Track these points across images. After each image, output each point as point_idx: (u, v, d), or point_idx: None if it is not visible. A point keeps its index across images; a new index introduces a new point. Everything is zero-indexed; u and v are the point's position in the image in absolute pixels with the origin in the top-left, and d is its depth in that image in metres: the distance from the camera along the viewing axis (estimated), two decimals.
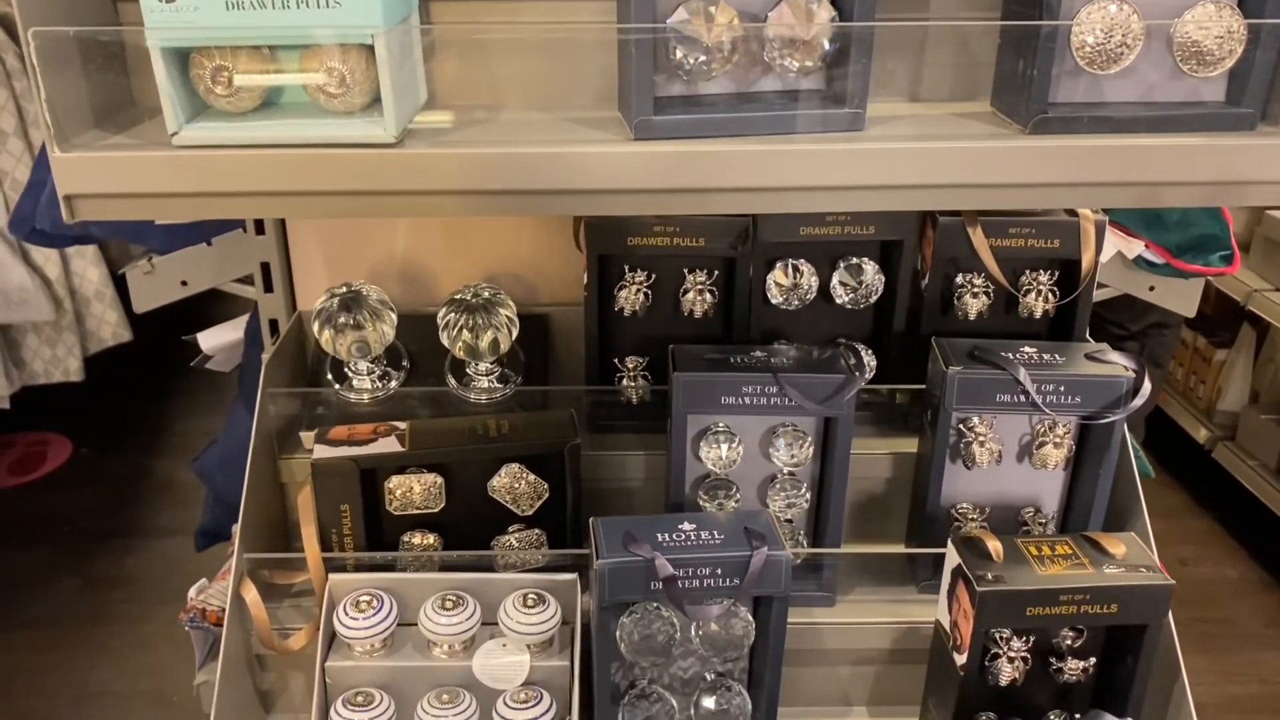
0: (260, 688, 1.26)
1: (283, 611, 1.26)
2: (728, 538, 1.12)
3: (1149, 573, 1.09)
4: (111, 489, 3.59)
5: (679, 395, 1.19)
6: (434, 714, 1.13)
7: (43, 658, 2.99)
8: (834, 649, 1.27)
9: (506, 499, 1.25)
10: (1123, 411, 1.19)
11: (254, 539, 1.23)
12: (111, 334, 3.50)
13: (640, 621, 1.13)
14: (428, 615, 1.16)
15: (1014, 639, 1.12)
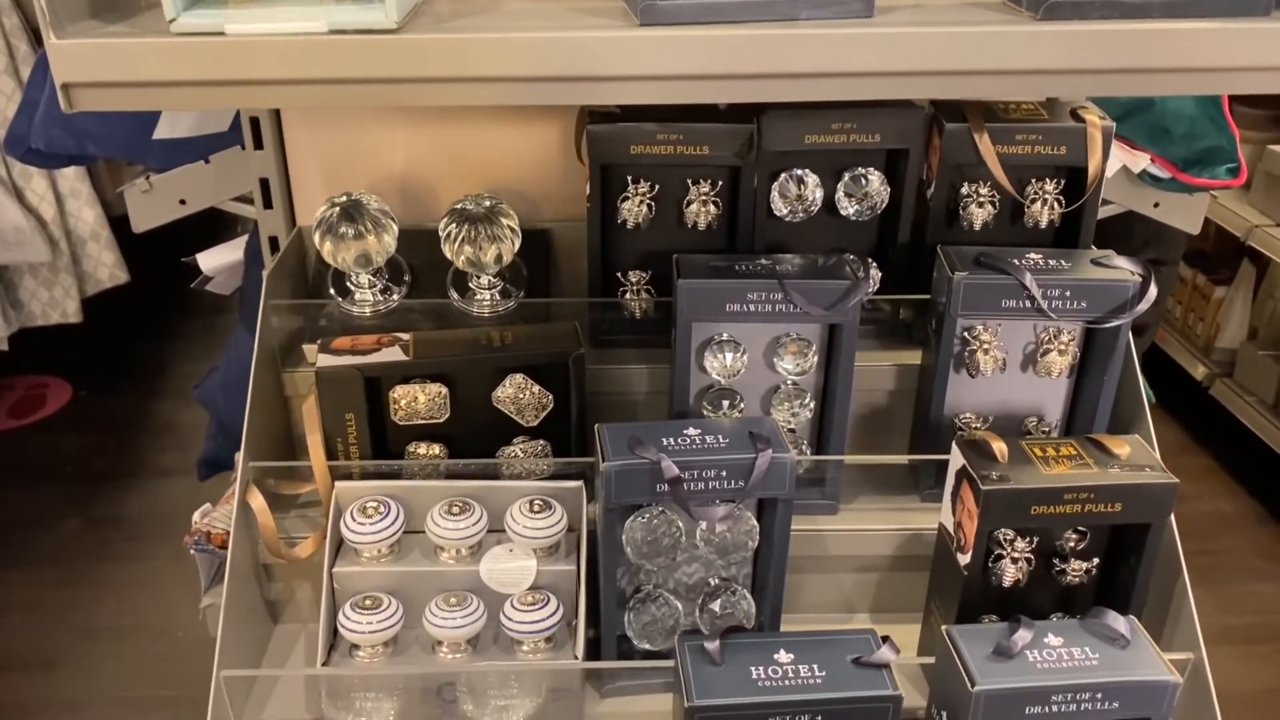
0: (268, 598, 1.27)
1: (289, 522, 1.26)
2: (732, 441, 1.12)
3: (1153, 472, 1.10)
4: (112, 430, 3.59)
5: (683, 302, 1.19)
6: (442, 617, 1.14)
7: (46, 595, 3.01)
8: (837, 556, 1.28)
9: (511, 410, 1.25)
10: (1128, 316, 1.18)
11: (259, 451, 1.23)
12: (109, 275, 3.48)
13: (646, 525, 1.14)
14: (434, 520, 1.17)
15: (1017, 540, 1.13)
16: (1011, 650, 1.03)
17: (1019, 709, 1.02)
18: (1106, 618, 1.06)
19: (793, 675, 1.02)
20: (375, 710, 1.14)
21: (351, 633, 1.13)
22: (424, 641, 1.18)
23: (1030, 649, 1.04)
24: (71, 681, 2.73)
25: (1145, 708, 1.03)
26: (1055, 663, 1.03)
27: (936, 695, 1.10)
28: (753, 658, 1.03)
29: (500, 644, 1.19)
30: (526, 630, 1.14)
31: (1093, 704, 1.02)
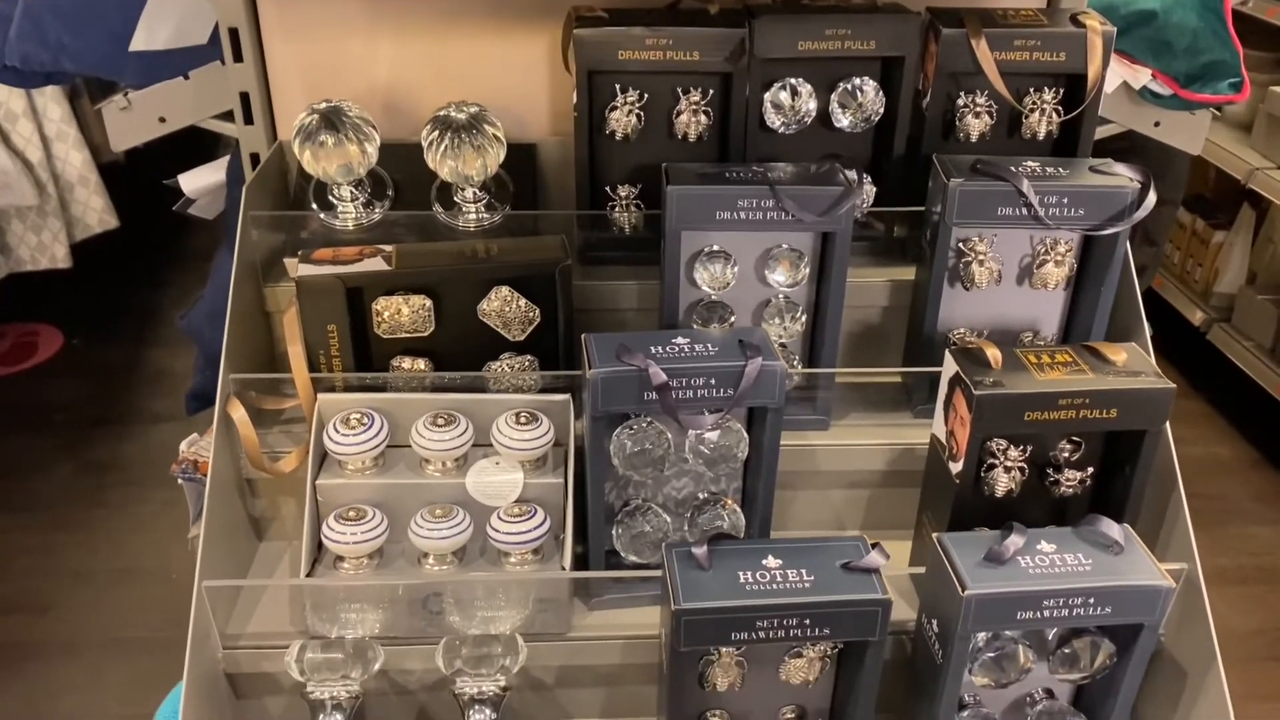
0: (252, 514, 1.26)
1: (272, 437, 1.24)
2: (722, 350, 1.10)
3: (1149, 378, 1.08)
4: (104, 378, 3.57)
5: (673, 210, 1.16)
6: (427, 528, 1.12)
7: (40, 539, 3.00)
8: (828, 471, 1.27)
9: (497, 324, 1.22)
10: (1127, 223, 1.16)
11: (240, 365, 1.21)
12: (98, 220, 3.45)
13: (634, 435, 1.12)
14: (419, 432, 1.15)
15: (1010, 449, 1.11)
16: (1003, 556, 1.02)
17: (1010, 614, 1.01)
18: (1100, 524, 1.05)
19: (781, 580, 1.00)
20: (360, 622, 1.12)
21: (335, 544, 1.11)
22: (410, 554, 1.17)
23: (1022, 555, 1.03)
24: (66, 623, 2.72)
25: (1138, 613, 1.02)
26: (1047, 568, 1.02)
27: (927, 604, 1.09)
28: (740, 563, 1.02)
29: (487, 557, 1.17)
30: (513, 541, 1.13)
31: (1085, 609, 1.01)
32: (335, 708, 1.06)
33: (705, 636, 1.00)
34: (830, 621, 1.00)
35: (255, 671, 1.15)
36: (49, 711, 2.47)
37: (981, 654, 1.05)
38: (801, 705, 1.13)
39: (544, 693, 1.20)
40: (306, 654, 1.07)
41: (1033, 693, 1.14)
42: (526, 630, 1.14)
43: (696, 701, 1.11)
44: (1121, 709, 1.09)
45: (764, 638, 1.00)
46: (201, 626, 1.09)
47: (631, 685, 1.20)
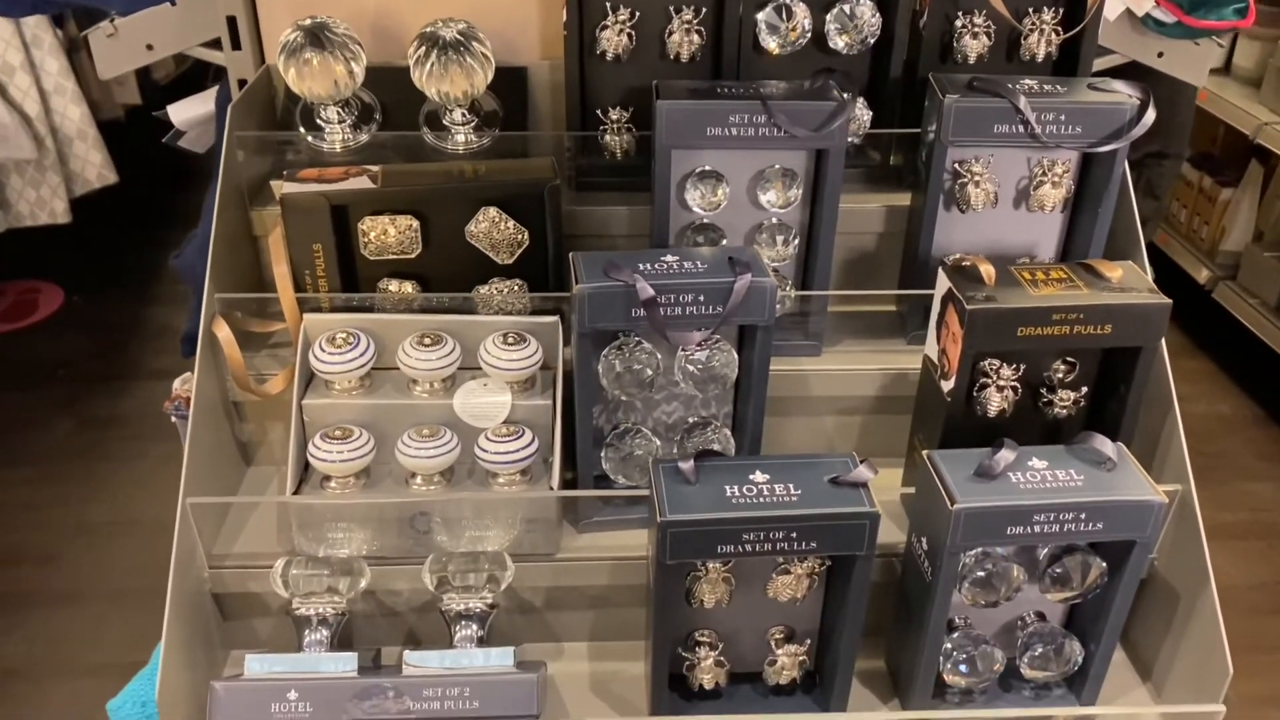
0: (239, 439, 1.25)
1: (259, 360, 1.24)
2: (711, 267, 1.08)
3: (1145, 293, 1.06)
4: (104, 335, 3.57)
5: (663, 126, 1.14)
6: (414, 447, 1.11)
7: (42, 492, 3.01)
8: (819, 397, 1.25)
9: (485, 246, 1.21)
10: (1125, 139, 1.14)
11: (226, 287, 1.20)
12: (97, 175, 3.43)
13: (622, 355, 1.11)
14: (406, 352, 1.14)
15: (1004, 367, 1.10)
16: (993, 470, 1.01)
17: (1000, 529, 1.00)
18: (1094, 441, 1.04)
19: (768, 493, 0.99)
20: (347, 541, 1.12)
21: (322, 462, 1.11)
22: (397, 475, 1.16)
23: (1013, 471, 1.02)
24: (69, 574, 2.74)
25: (1131, 529, 1.01)
26: (1039, 484, 1.01)
27: (916, 523, 1.08)
28: (727, 478, 1.01)
29: (475, 478, 1.16)
30: (501, 461, 1.12)
31: (1076, 525, 1.00)
32: (321, 623, 1.06)
33: (691, 549, 0.99)
34: (818, 535, 0.99)
35: (242, 591, 1.15)
36: (52, 658, 2.49)
37: (971, 572, 1.04)
38: (790, 626, 1.12)
39: (532, 615, 1.19)
40: (292, 570, 1.07)
41: (1023, 615, 1.13)
42: (515, 551, 1.13)
43: (684, 620, 1.10)
44: (1112, 630, 1.08)
45: (751, 551, 0.99)
46: (186, 545, 1.09)
47: (620, 608, 1.19)
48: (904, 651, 1.12)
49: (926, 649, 1.07)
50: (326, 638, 1.06)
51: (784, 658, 1.11)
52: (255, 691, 0.97)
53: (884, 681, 1.17)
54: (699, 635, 1.11)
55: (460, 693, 0.98)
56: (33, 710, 2.34)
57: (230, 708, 0.97)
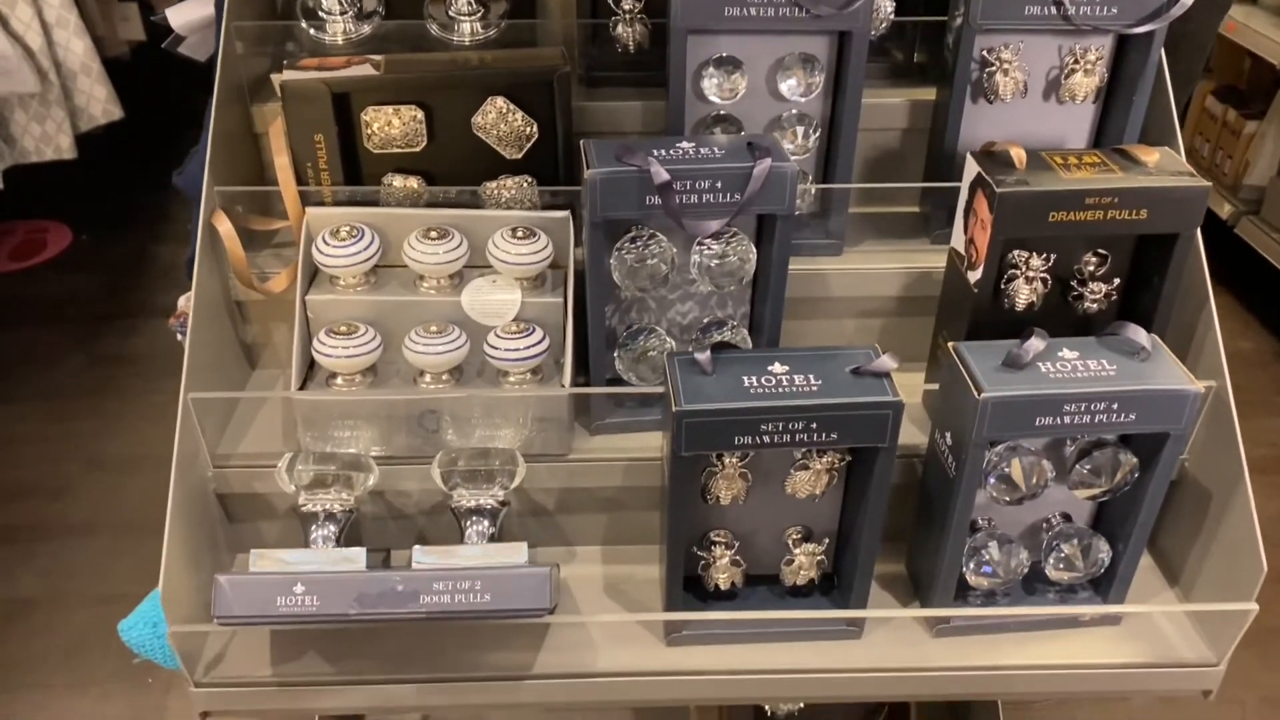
0: (243, 340, 1.22)
1: (261, 259, 1.20)
2: (729, 153, 1.04)
3: (1182, 176, 1.01)
4: (114, 273, 3.55)
5: (679, 8, 1.09)
6: (422, 344, 1.08)
7: (54, 428, 3.01)
8: (839, 298, 1.21)
9: (493, 140, 1.16)
10: (1163, 19, 1.08)
11: (225, 181, 1.16)
12: (102, 111, 3.38)
13: (635, 247, 1.07)
14: (412, 245, 1.10)
15: (1033, 258, 1.05)
16: (1022, 359, 0.97)
17: (1029, 419, 0.96)
18: (1126, 330, 0.99)
19: (787, 384, 0.96)
20: (354, 440, 1.09)
21: (327, 358, 1.07)
22: (405, 374, 1.13)
23: (1043, 361, 0.98)
24: (81, 507, 2.74)
25: (1164, 420, 0.97)
26: (1069, 374, 0.97)
27: (941, 417, 1.04)
28: (745, 369, 0.97)
29: (485, 377, 1.13)
30: (512, 358, 1.08)
31: (1108, 415, 0.96)
32: (328, 518, 1.03)
33: (708, 441, 0.95)
34: (838, 426, 0.95)
35: (247, 492, 1.12)
36: (65, 589, 2.49)
37: (997, 466, 1.01)
38: (807, 526, 1.09)
39: (544, 518, 1.17)
40: (298, 465, 1.04)
41: (1048, 517, 1.10)
42: (526, 451, 1.10)
43: (700, 520, 1.08)
44: (1141, 529, 1.05)
45: (769, 443, 0.95)
46: (189, 443, 1.06)
47: (633, 511, 1.17)
48: (925, 553, 1.09)
49: (949, 549, 1.04)
50: (334, 534, 1.03)
51: (801, 557, 1.08)
52: (261, 585, 0.95)
53: (904, 585, 1.15)
54: (714, 535, 1.09)
55: (471, 586, 0.95)
56: (48, 637, 2.34)
57: (235, 601, 0.94)
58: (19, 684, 2.26)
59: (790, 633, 1.08)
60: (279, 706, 1.06)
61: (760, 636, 1.08)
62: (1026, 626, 1.09)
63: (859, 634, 1.09)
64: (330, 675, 1.05)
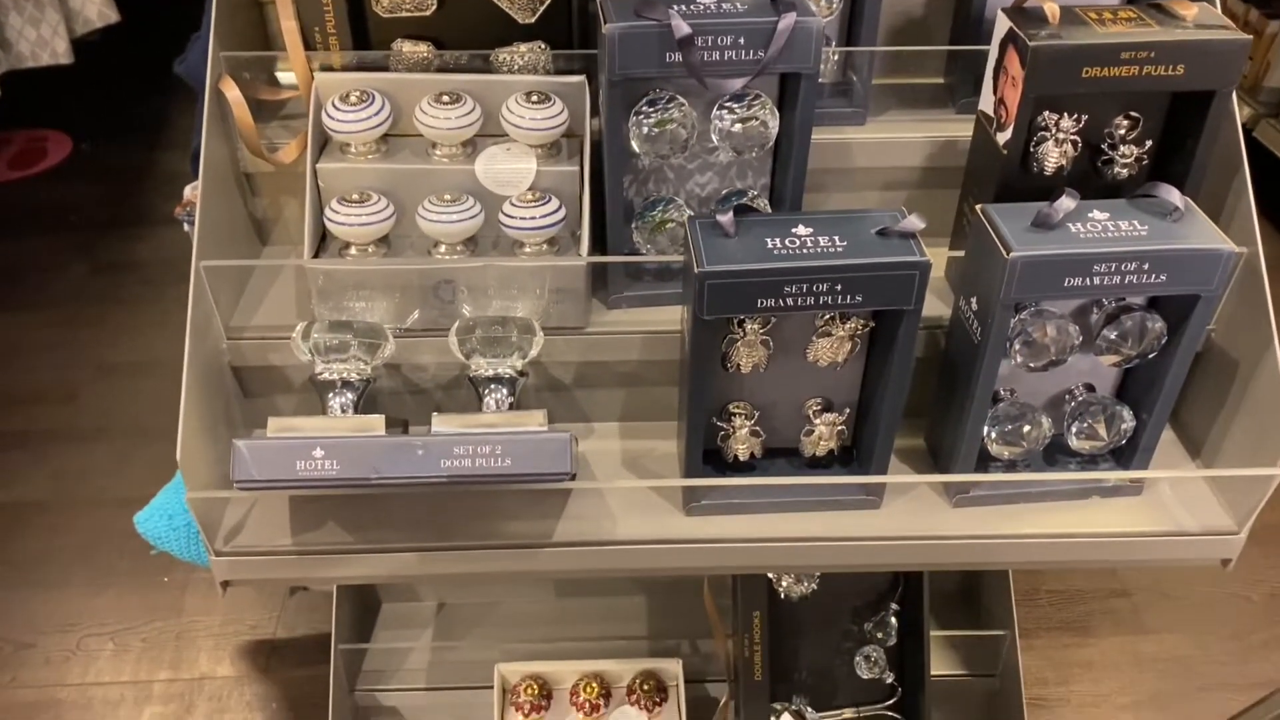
0: (253, 214, 1.20)
1: (270, 130, 1.17)
2: (752, 8, 1.00)
3: (1221, 30, 0.98)
4: (115, 181, 3.51)
5: None
6: (436, 212, 1.06)
7: (61, 334, 3.00)
8: (862, 169, 1.19)
9: (505, 2, 1.13)
10: None
11: (230, 47, 1.13)
12: (98, 14, 3.32)
13: (654, 109, 1.04)
14: (424, 110, 1.07)
15: (1063, 119, 1.02)
16: (1052, 219, 0.95)
17: (1058, 279, 0.94)
18: (1159, 190, 0.97)
19: (812, 245, 0.94)
20: (369, 311, 1.08)
21: (340, 227, 1.05)
22: (419, 245, 1.11)
23: (1073, 221, 0.96)
24: (91, 412, 2.74)
25: (1196, 281, 0.95)
26: (1099, 234, 0.95)
27: (966, 283, 1.02)
28: (768, 231, 0.95)
29: (500, 248, 1.11)
30: (527, 227, 1.06)
31: (1138, 276, 0.94)
32: (345, 386, 1.02)
33: (730, 304, 0.93)
34: (864, 287, 0.93)
35: (262, 365, 1.11)
36: (78, 492, 2.51)
37: (1023, 328, 0.99)
38: (828, 397, 1.08)
39: (561, 393, 1.16)
40: (313, 332, 1.03)
41: (1071, 388, 1.09)
42: (543, 324, 1.08)
43: (719, 390, 1.07)
44: (1167, 397, 1.03)
45: (792, 306, 0.94)
46: (202, 313, 1.05)
47: (652, 386, 1.16)
48: (946, 425, 1.08)
49: (971, 418, 1.03)
50: (352, 402, 1.02)
51: (821, 427, 1.07)
52: (279, 449, 0.94)
53: (924, 459, 1.14)
54: (734, 406, 1.08)
55: (491, 450, 0.95)
56: (64, 538, 2.37)
57: (254, 465, 0.94)
58: (38, 582, 2.29)
59: (809, 502, 1.08)
60: (298, 575, 1.06)
61: (779, 506, 1.08)
62: (1046, 497, 1.09)
63: (878, 504, 1.08)
64: (349, 544, 1.05)
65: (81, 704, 2.05)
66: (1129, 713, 2.00)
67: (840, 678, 1.50)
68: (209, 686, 2.08)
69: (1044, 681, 2.03)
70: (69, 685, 2.08)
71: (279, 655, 2.12)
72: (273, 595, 2.23)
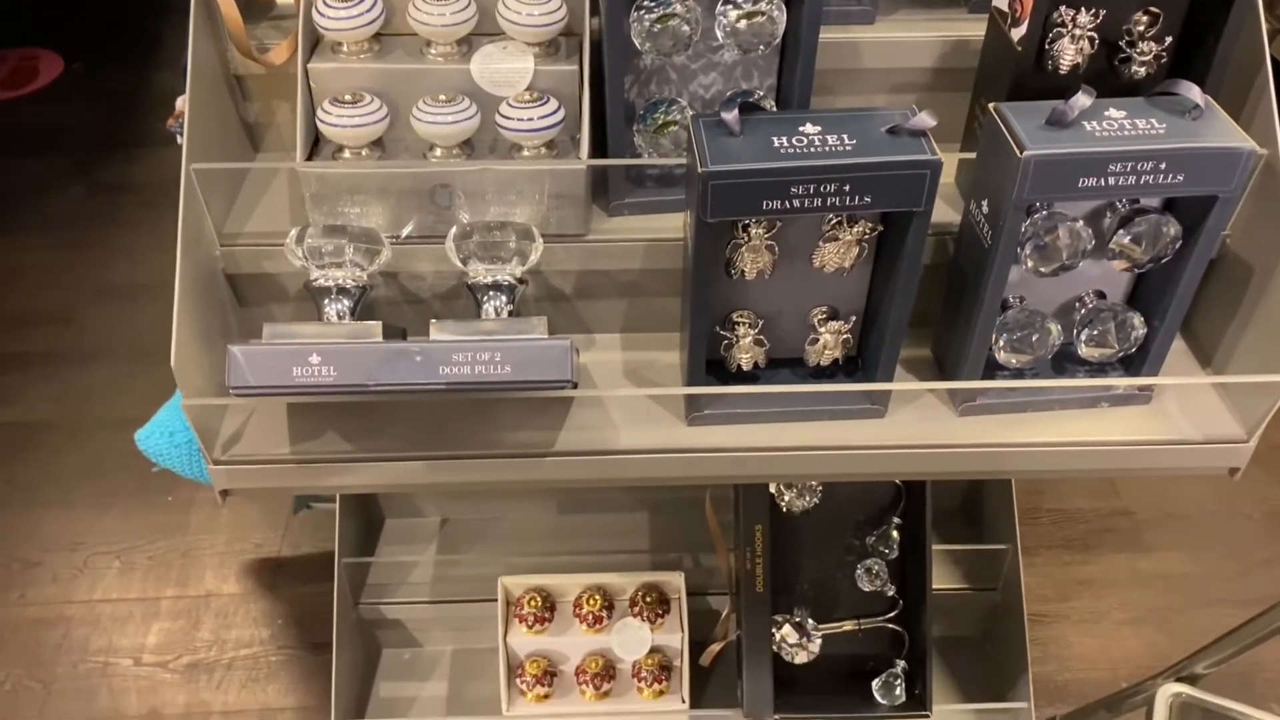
0: (244, 119, 1.17)
1: (260, 31, 1.14)
2: None
3: None
4: (110, 102, 3.45)
5: None
6: (430, 113, 1.03)
7: (60, 256, 2.97)
8: (870, 70, 1.15)
9: None
10: None
11: None
12: None
13: (656, 4, 1.00)
14: (417, 6, 1.03)
15: (1080, 14, 0.98)
16: (1067, 116, 0.92)
17: (1072, 180, 0.91)
18: (1178, 87, 0.94)
19: (820, 144, 0.91)
20: (364, 216, 1.05)
21: (332, 128, 1.03)
22: (414, 148, 1.08)
23: (1088, 119, 0.93)
24: (91, 334, 2.73)
25: (1214, 181, 0.93)
26: (1116, 132, 0.92)
27: (977, 187, 0.99)
28: (775, 130, 0.92)
29: (497, 152, 1.09)
30: (525, 129, 1.03)
31: (1155, 175, 0.91)
32: (341, 293, 1.00)
33: (735, 205, 0.91)
34: (873, 187, 0.91)
35: (256, 272, 1.09)
36: (80, 412, 2.51)
37: (1035, 231, 0.97)
38: (834, 305, 1.06)
39: (561, 304, 1.14)
40: (308, 237, 1.01)
41: (1082, 295, 1.07)
42: (542, 231, 1.06)
43: (723, 299, 1.05)
44: (1179, 302, 1.01)
45: (799, 207, 0.91)
46: (193, 218, 1.03)
47: (653, 297, 1.14)
48: (953, 333, 1.07)
49: (979, 324, 1.01)
50: (348, 309, 1.01)
51: (826, 335, 1.05)
52: (276, 355, 0.92)
53: (929, 369, 1.13)
54: (737, 315, 1.06)
55: (491, 357, 0.93)
56: (67, 458, 2.37)
57: (250, 370, 0.92)
58: (44, 501, 2.30)
59: (813, 411, 1.07)
60: (297, 484, 1.06)
61: (782, 416, 1.07)
62: (1053, 405, 1.08)
63: (882, 413, 1.07)
64: (349, 453, 1.04)
65: (90, 620, 2.07)
66: (1127, 628, 2.01)
67: (841, 590, 1.51)
68: (215, 603, 2.10)
69: (1044, 598, 2.05)
70: (77, 602, 2.10)
71: (284, 572, 2.14)
72: (277, 514, 2.24)
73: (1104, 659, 1.93)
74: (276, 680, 1.93)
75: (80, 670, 1.95)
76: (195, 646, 1.99)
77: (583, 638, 1.56)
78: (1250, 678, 1.89)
